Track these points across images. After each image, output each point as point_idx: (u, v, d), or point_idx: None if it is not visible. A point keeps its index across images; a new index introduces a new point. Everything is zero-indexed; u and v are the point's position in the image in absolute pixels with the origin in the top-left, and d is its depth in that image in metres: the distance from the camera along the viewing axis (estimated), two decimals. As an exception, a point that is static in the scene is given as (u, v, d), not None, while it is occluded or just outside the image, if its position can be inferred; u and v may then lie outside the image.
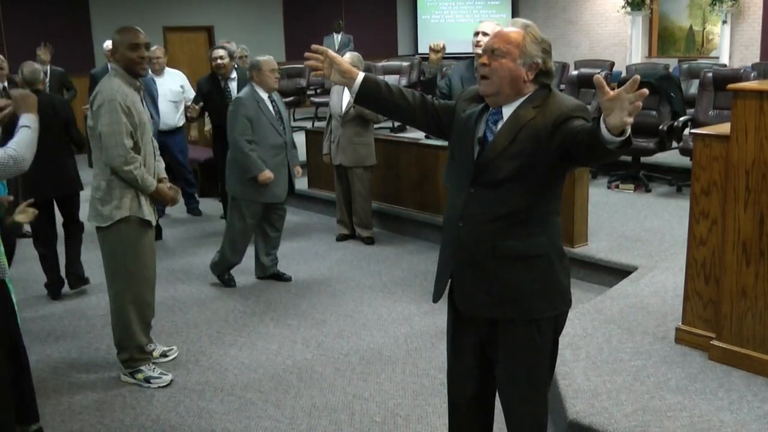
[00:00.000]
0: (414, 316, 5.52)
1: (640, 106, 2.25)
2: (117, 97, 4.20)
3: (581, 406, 3.64)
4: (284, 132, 6.04)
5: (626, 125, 2.27)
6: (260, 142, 5.89)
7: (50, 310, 5.88)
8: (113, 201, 4.31)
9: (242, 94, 6.03)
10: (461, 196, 2.83)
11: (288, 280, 6.37)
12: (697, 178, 4.11)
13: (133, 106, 4.28)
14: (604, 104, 2.29)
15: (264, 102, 5.94)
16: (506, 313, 2.82)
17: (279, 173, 6.00)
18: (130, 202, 4.32)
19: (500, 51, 2.70)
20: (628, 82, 2.24)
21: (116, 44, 4.32)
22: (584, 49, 17.44)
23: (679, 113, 8.36)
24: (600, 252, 6.10)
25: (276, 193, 6.04)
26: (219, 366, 4.80)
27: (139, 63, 4.33)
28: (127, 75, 4.32)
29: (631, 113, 2.25)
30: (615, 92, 2.26)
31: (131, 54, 4.30)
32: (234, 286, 6.24)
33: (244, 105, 5.88)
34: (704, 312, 4.19)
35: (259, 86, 5.95)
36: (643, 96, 2.22)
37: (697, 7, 15.91)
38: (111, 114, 4.20)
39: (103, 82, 4.34)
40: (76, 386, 4.59)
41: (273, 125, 5.95)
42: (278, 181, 6.01)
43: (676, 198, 7.96)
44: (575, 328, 4.54)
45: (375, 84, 2.95)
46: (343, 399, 4.34)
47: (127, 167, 4.24)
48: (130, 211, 4.33)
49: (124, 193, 4.31)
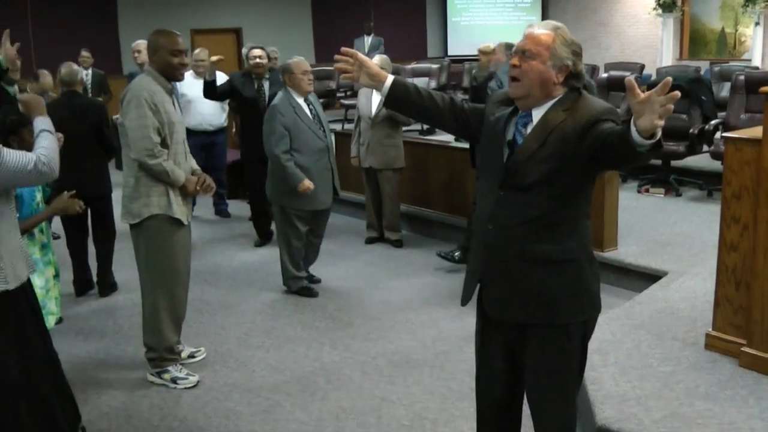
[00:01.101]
0: (442, 319, 5.51)
1: (671, 109, 2.22)
2: (144, 94, 4.24)
3: (610, 412, 3.61)
4: (325, 135, 5.89)
5: (656, 128, 2.25)
6: (301, 148, 5.76)
7: (78, 309, 5.93)
8: (141, 198, 4.34)
9: (277, 101, 5.86)
10: (490, 198, 2.82)
11: (317, 282, 6.31)
12: (728, 182, 4.05)
13: (162, 105, 4.30)
14: (635, 107, 2.26)
15: (300, 107, 5.80)
16: (535, 317, 2.80)
17: (323, 178, 5.86)
18: (158, 199, 4.34)
19: (530, 53, 2.69)
20: (660, 85, 2.21)
21: (155, 47, 4.34)
22: (614, 51, 17.33)
23: (710, 116, 8.27)
24: (629, 256, 6.05)
25: (322, 199, 5.89)
26: (246, 367, 4.82)
27: (178, 69, 4.38)
28: (161, 77, 4.35)
29: (661, 116, 2.22)
30: (646, 95, 2.24)
31: (172, 59, 4.33)
32: (316, 295, 6.07)
33: (280, 113, 5.73)
34: (735, 318, 4.13)
35: (294, 90, 5.82)
36: (675, 98, 2.20)
37: (729, 9, 15.75)
38: (138, 109, 4.23)
39: (134, 81, 4.38)
40: (104, 386, 4.62)
41: (312, 129, 5.79)
42: (323, 186, 5.86)
43: (707, 202, 7.87)
44: (604, 333, 4.50)
45: (404, 87, 2.95)
46: (370, 402, 4.33)
47: (153, 161, 4.25)
48: (159, 208, 4.35)
49: (152, 190, 4.33)
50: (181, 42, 4.37)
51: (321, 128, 5.88)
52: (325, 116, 6.07)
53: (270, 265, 6.85)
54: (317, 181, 5.80)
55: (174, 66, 4.35)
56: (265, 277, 6.55)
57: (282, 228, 5.99)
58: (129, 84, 4.42)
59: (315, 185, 5.77)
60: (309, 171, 5.76)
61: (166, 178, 4.32)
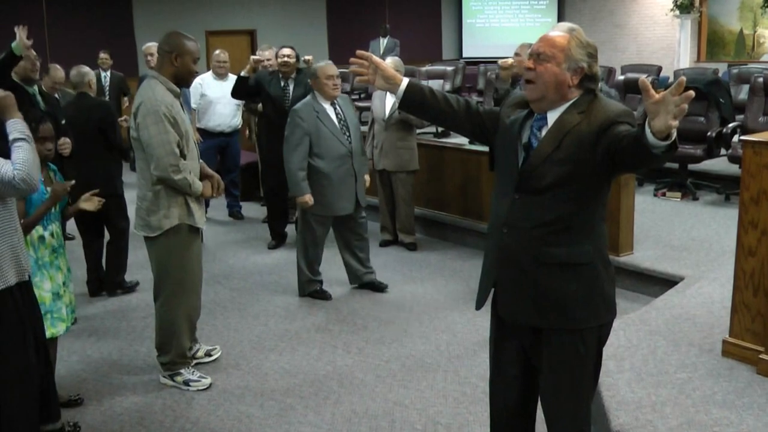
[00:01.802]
0: (456, 323, 5.49)
1: (686, 110, 2.21)
2: (161, 108, 4.19)
3: (625, 419, 3.59)
4: (349, 140, 5.81)
5: (671, 129, 2.23)
6: (322, 153, 5.72)
7: (91, 310, 5.94)
8: (161, 210, 4.31)
9: (299, 105, 5.83)
10: (506, 202, 2.81)
11: (382, 290, 6.19)
12: (746, 186, 4.02)
13: (178, 115, 4.29)
14: (649, 107, 2.25)
15: (324, 111, 5.74)
16: (550, 322, 2.79)
17: (344, 184, 5.81)
18: (178, 210, 4.33)
19: (545, 55, 2.69)
20: (674, 84, 2.20)
21: (180, 51, 4.28)
22: (631, 53, 17.25)
23: (728, 119, 8.21)
24: (646, 261, 6.01)
25: (341, 205, 5.84)
26: (259, 370, 4.81)
27: (194, 75, 4.43)
28: (170, 82, 4.31)
29: (676, 116, 2.21)
30: (660, 95, 2.22)
31: (193, 66, 4.35)
32: (329, 299, 6.04)
33: (301, 118, 5.69)
34: (752, 324, 4.09)
35: (319, 94, 5.79)
36: (689, 98, 2.18)
37: (748, 10, 15.65)
38: (158, 125, 4.19)
39: (144, 91, 4.29)
40: (117, 387, 4.63)
41: (335, 135, 5.73)
42: (343, 192, 5.81)
43: (724, 207, 7.81)
44: (620, 338, 4.47)
45: (419, 90, 2.94)
46: (383, 406, 4.32)
47: (178, 176, 4.23)
48: (179, 219, 4.34)
49: (172, 202, 4.31)
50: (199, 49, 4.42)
51: (346, 133, 5.82)
52: (355, 120, 6.01)
53: (283, 267, 6.85)
54: (337, 187, 5.78)
55: (193, 73, 4.38)
56: (279, 279, 6.54)
57: (301, 231, 5.99)
58: (138, 94, 4.35)
59: (335, 191, 5.77)
60: (329, 177, 5.74)
61: (188, 190, 4.31)
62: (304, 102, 5.82)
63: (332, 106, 5.82)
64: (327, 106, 5.79)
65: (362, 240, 6.14)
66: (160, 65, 4.35)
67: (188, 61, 4.30)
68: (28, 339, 3.44)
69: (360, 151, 5.97)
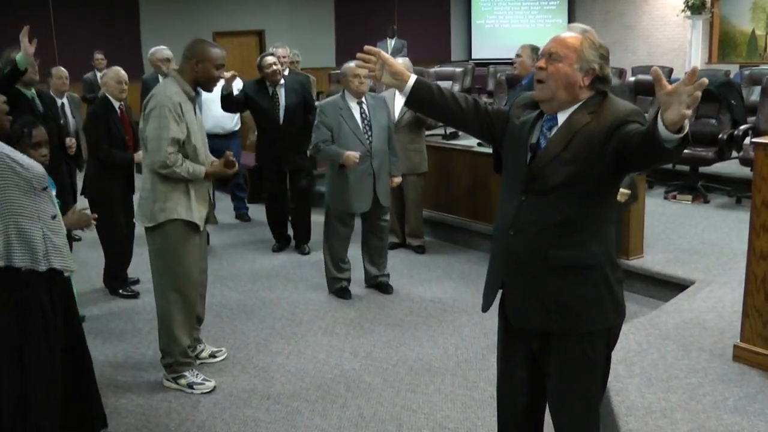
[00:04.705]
0: (464, 326, 5.45)
1: (699, 97, 2.19)
2: (168, 104, 4.22)
3: (635, 424, 3.56)
4: (369, 140, 5.86)
5: (685, 119, 2.22)
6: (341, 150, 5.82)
7: (96, 311, 5.93)
8: (157, 202, 4.34)
9: (327, 100, 6.02)
10: (513, 203, 2.79)
11: (388, 292, 6.21)
12: (758, 189, 3.99)
13: (187, 114, 4.30)
14: (662, 98, 2.24)
15: (348, 109, 5.83)
16: (558, 325, 2.77)
17: (362, 182, 5.85)
18: (175, 204, 4.34)
19: (557, 55, 2.67)
20: (687, 74, 2.19)
21: (202, 57, 4.32)
22: (642, 54, 17.20)
23: (740, 121, 8.15)
24: (656, 265, 5.96)
25: (357, 203, 5.90)
26: (266, 374, 4.78)
27: (216, 81, 4.45)
28: (187, 85, 4.33)
29: (689, 106, 2.20)
30: (673, 86, 2.21)
31: (215, 72, 4.38)
32: (349, 297, 6.08)
33: (324, 113, 5.85)
34: (764, 329, 4.05)
35: (348, 92, 5.89)
36: (703, 86, 2.17)
37: (760, 11, 15.57)
38: (160, 119, 4.22)
39: (159, 86, 4.37)
40: (122, 389, 4.61)
41: (356, 134, 5.80)
42: (359, 191, 5.86)
43: (736, 210, 7.76)
44: (629, 343, 4.44)
45: (427, 87, 2.91)
46: (391, 410, 4.29)
47: (166, 170, 4.25)
48: (176, 213, 4.34)
49: (169, 195, 4.33)
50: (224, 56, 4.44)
51: (368, 132, 5.88)
52: (384, 121, 6.01)
53: (289, 270, 6.84)
54: (353, 185, 5.83)
55: (214, 79, 4.41)
56: (285, 282, 6.52)
57: (325, 227, 6.09)
58: (154, 88, 4.42)
59: (351, 188, 5.83)
60: (346, 174, 5.80)
61: (187, 178, 4.32)
62: (332, 98, 6.01)
63: (358, 105, 5.90)
64: (353, 104, 5.88)
65: (380, 241, 6.18)
66: (183, 69, 4.40)
67: (209, 67, 4.33)
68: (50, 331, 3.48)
69: (382, 150, 5.98)
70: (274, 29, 16.20)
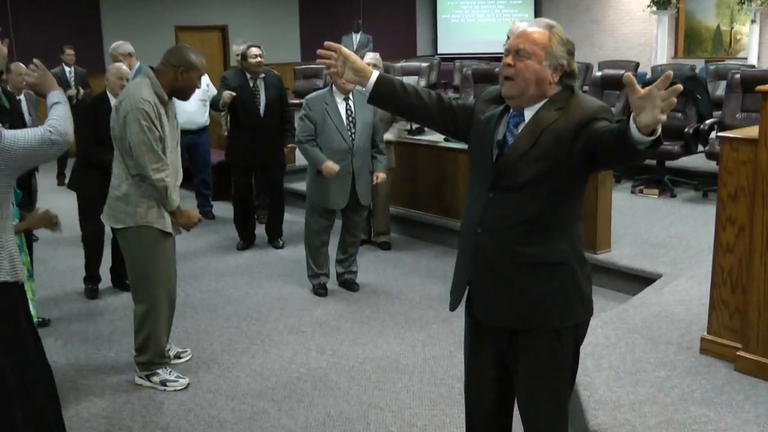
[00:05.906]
0: (432, 323, 5.42)
1: (674, 103, 2.17)
2: (144, 106, 4.14)
3: (603, 418, 3.55)
4: (352, 137, 5.82)
5: (659, 123, 2.20)
6: (323, 145, 5.75)
7: (58, 313, 5.81)
8: (129, 207, 4.28)
9: (314, 94, 5.97)
10: (480, 201, 2.75)
11: (355, 290, 6.17)
12: (724, 182, 4.00)
13: (160, 117, 4.22)
14: (635, 102, 2.21)
15: (334, 105, 5.79)
16: (526, 323, 2.74)
17: (339, 180, 5.80)
18: (146, 210, 4.28)
19: (525, 52, 2.63)
20: (660, 79, 2.16)
21: (188, 65, 4.26)
22: (608, 49, 17.29)
23: (706, 116, 8.21)
24: (623, 259, 5.97)
25: (334, 199, 5.87)
26: (230, 373, 4.72)
27: (193, 91, 4.40)
28: (161, 88, 4.24)
29: (664, 110, 2.17)
30: (646, 90, 2.19)
31: (196, 82, 4.34)
32: (324, 295, 6.04)
33: (309, 107, 5.81)
34: (730, 321, 4.07)
35: (336, 87, 5.83)
36: (677, 92, 2.15)
37: (725, 6, 15.72)
38: (139, 122, 4.13)
39: (131, 89, 4.27)
40: (84, 393, 4.52)
41: (339, 129, 5.76)
42: (337, 187, 5.82)
43: (702, 203, 7.81)
44: (597, 337, 4.44)
45: (390, 83, 2.86)
46: (358, 408, 4.25)
47: (157, 175, 4.18)
48: (147, 220, 4.29)
49: (140, 201, 4.27)
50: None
51: (351, 130, 5.83)
52: (368, 118, 5.94)
53: (255, 268, 6.78)
54: (332, 181, 5.79)
55: (194, 88, 4.37)
56: (250, 280, 6.45)
57: (305, 221, 6.08)
58: (125, 90, 4.36)
59: (329, 184, 5.80)
60: None
61: (162, 195, 4.25)
62: (319, 93, 5.97)
63: (345, 101, 5.84)
64: (339, 100, 5.83)
65: (353, 238, 6.17)
66: (162, 73, 4.28)
67: (194, 77, 4.30)
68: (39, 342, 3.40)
69: (364, 149, 5.94)
70: (238, 24, 16.06)
